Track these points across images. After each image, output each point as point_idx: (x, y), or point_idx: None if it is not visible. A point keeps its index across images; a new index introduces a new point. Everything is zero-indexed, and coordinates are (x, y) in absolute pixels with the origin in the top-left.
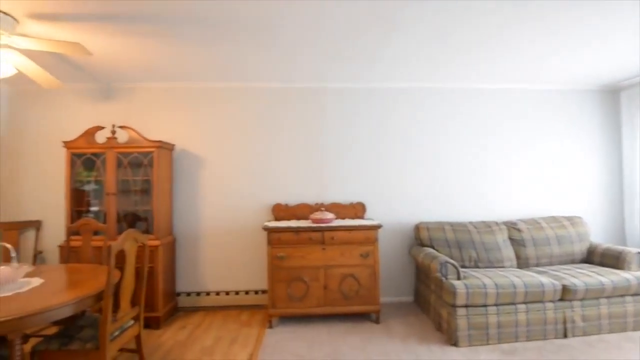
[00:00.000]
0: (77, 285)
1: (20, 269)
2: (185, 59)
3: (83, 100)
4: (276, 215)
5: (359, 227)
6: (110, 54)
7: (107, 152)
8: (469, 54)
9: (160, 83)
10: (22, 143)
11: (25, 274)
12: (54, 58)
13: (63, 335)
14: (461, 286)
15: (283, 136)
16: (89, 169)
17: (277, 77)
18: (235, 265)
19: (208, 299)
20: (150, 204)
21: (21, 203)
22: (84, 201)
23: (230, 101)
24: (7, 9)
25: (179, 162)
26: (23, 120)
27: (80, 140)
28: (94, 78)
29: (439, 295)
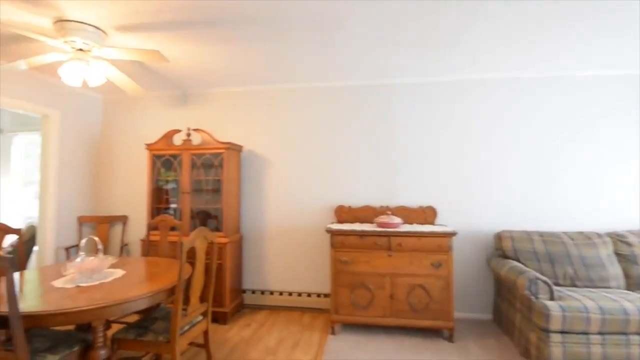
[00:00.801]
0: (153, 278)
1: (106, 261)
2: (251, 62)
3: (163, 106)
4: (339, 218)
5: (431, 234)
6: (184, 61)
7: (183, 153)
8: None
9: (230, 88)
10: (114, 145)
11: (110, 265)
12: (138, 68)
13: (139, 326)
14: (556, 308)
15: (347, 136)
16: (168, 169)
17: (341, 75)
18: (298, 266)
19: (272, 298)
20: (220, 203)
21: (112, 199)
22: (163, 199)
23: (295, 102)
24: (97, 24)
25: (246, 162)
26: (114, 125)
27: (160, 142)
28: (172, 86)
29: (526, 316)
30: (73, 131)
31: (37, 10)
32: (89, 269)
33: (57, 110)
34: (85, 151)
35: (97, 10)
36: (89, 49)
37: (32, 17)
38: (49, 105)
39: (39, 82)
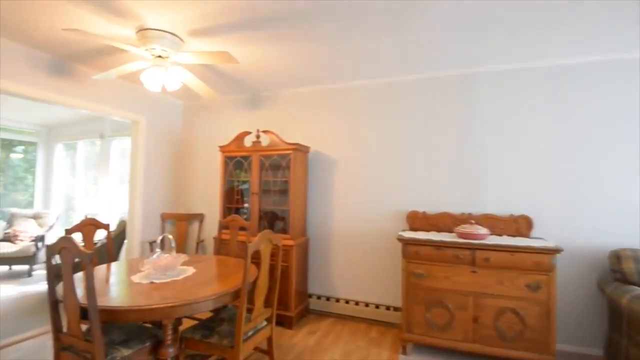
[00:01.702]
0: (221, 279)
1: (178, 258)
2: (320, 60)
3: (236, 110)
4: (412, 225)
5: (527, 249)
6: (254, 64)
7: (253, 154)
8: None
9: (298, 88)
10: (192, 148)
11: (182, 262)
12: (212, 73)
13: (206, 326)
14: None
15: (422, 134)
16: (239, 170)
17: (415, 67)
18: (365, 274)
19: (338, 306)
20: (287, 204)
21: (190, 198)
22: (234, 199)
23: (363, 99)
24: (173, 30)
25: (313, 163)
26: (192, 129)
27: (231, 144)
28: (243, 89)
29: None
30: (157, 135)
31: (123, 22)
32: (162, 265)
33: (144, 116)
34: (168, 153)
35: (172, 16)
36: (167, 55)
37: (119, 29)
38: (137, 112)
39: (128, 90)
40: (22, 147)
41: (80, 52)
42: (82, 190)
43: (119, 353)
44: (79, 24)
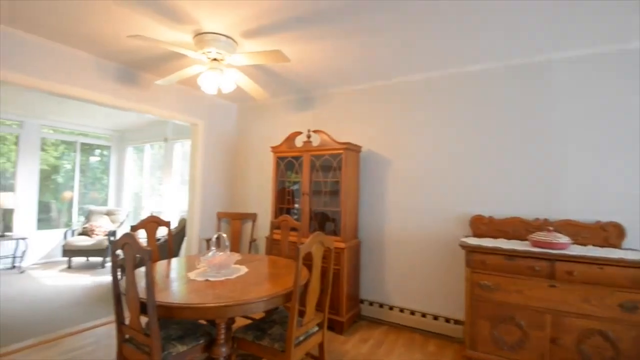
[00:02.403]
0: (272, 279)
1: (232, 257)
2: (374, 55)
3: (287, 110)
4: (476, 230)
5: (621, 262)
6: (305, 62)
7: (303, 154)
8: None
9: (350, 86)
10: (246, 149)
11: (236, 261)
12: (264, 75)
13: (258, 328)
14: None
15: (488, 130)
16: (290, 171)
17: (479, 56)
18: (422, 281)
19: (392, 314)
20: (338, 205)
21: (244, 198)
22: (286, 199)
23: (419, 95)
24: (227, 32)
25: (365, 163)
26: (246, 131)
27: (283, 145)
28: (295, 90)
29: None
30: (214, 137)
31: (181, 27)
32: (217, 263)
33: (202, 119)
34: (223, 154)
35: (226, 18)
36: (222, 58)
37: (178, 35)
38: (196, 115)
39: (187, 95)
40: (99, 151)
41: (144, 60)
42: (148, 190)
43: (175, 349)
44: (141, 32)
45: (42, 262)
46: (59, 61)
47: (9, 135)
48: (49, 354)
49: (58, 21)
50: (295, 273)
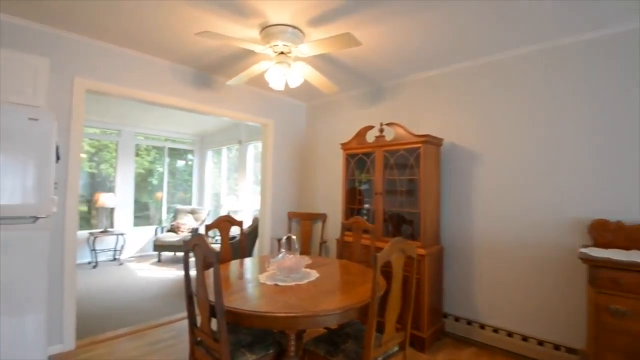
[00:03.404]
0: (346, 288)
1: (302, 261)
2: (455, 32)
3: (356, 105)
4: (597, 238)
5: None
6: (375, 49)
7: (376, 150)
8: None
9: (426, 72)
10: (315, 148)
11: (306, 265)
12: (332, 67)
13: (330, 341)
14: None
15: (613, 113)
16: (361, 168)
17: (599, 19)
18: (523, 298)
19: (482, 334)
20: (417, 206)
21: (314, 198)
22: (357, 199)
23: (518, 75)
24: (293, 22)
25: (447, 158)
26: (315, 129)
27: (353, 141)
28: (365, 82)
29: None
30: (283, 137)
31: (247, 22)
32: (286, 267)
33: (272, 120)
34: (293, 153)
35: (291, 7)
36: (289, 51)
37: (244, 31)
38: (266, 116)
39: (258, 96)
40: (184, 155)
41: (215, 63)
42: (226, 190)
43: (244, 357)
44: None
45: (137, 255)
46: (142, 69)
47: (111, 143)
48: (137, 344)
49: (137, 31)
50: (373, 285)
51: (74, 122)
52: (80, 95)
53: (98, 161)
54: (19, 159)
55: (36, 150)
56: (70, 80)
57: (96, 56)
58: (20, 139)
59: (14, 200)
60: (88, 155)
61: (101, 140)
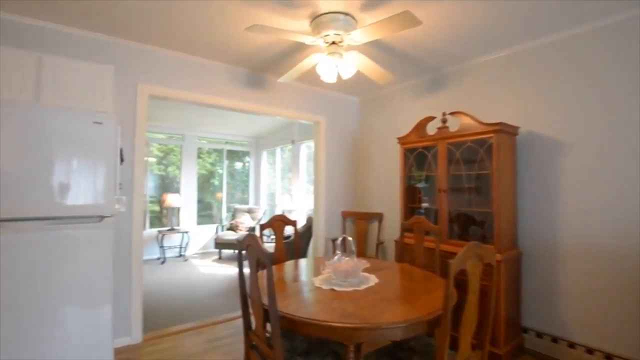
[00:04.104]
0: (410, 297)
1: (360, 264)
2: (528, 1)
3: (414, 96)
4: None
5: None
6: (435, 31)
7: (438, 143)
8: None
9: (494, 53)
10: (369, 144)
11: (364, 268)
12: (387, 56)
13: (393, 355)
14: None
15: None
16: (421, 164)
17: None
18: (627, 316)
19: (572, 354)
20: (489, 205)
21: (369, 196)
22: (417, 197)
23: (616, 46)
24: (345, 9)
25: (524, 149)
26: (369, 125)
27: (411, 134)
28: (423, 70)
29: None
30: (336, 134)
31: (297, 13)
32: (343, 271)
33: (324, 117)
34: (346, 151)
35: None
36: (341, 40)
37: (294, 24)
38: (318, 113)
39: (309, 93)
40: (242, 157)
41: (266, 62)
42: (280, 190)
43: None
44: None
45: (200, 252)
46: (198, 73)
47: (176, 147)
48: (197, 340)
49: (191, 35)
50: (445, 298)
51: (138, 126)
52: (143, 101)
53: (166, 164)
54: (85, 161)
55: (101, 153)
56: (133, 86)
57: (156, 62)
58: (87, 142)
59: (81, 200)
60: (157, 158)
61: (168, 144)
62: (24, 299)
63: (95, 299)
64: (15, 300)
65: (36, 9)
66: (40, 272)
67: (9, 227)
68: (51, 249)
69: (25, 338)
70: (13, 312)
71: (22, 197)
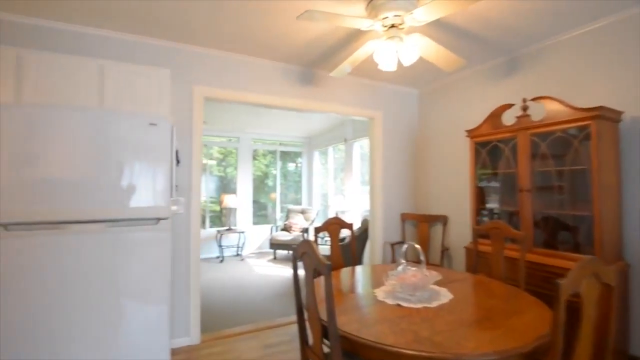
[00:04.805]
0: (494, 318)
1: (430, 277)
2: None
3: (483, 83)
4: None
5: None
6: (510, 3)
7: (518, 135)
8: None
9: (583, 27)
10: (430, 139)
11: (434, 281)
12: (452, 38)
13: None
14: None
15: None
16: (496, 159)
17: None
18: None
19: None
20: (586, 207)
21: (431, 197)
22: (491, 198)
23: None
24: None
25: (629, 139)
26: (430, 119)
27: (484, 126)
28: (493, 52)
29: None
30: (393, 129)
31: None
32: (411, 283)
33: (379, 112)
34: (405, 148)
35: None
36: (401, 22)
37: (349, 9)
38: (373, 108)
39: (363, 87)
40: (295, 158)
41: (318, 56)
42: (333, 190)
43: None
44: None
45: (256, 252)
46: (251, 73)
47: (233, 149)
48: (252, 345)
49: (243, 34)
50: (554, 327)
51: (195, 128)
52: (199, 103)
53: (225, 165)
54: (143, 163)
55: (157, 154)
56: (189, 89)
57: (210, 64)
58: (143, 144)
59: (140, 202)
60: (217, 160)
61: (226, 147)
62: (85, 298)
63: (153, 299)
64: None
65: (99, 20)
66: (101, 272)
67: (73, 229)
68: (112, 250)
69: (84, 337)
70: (73, 311)
71: (87, 200)
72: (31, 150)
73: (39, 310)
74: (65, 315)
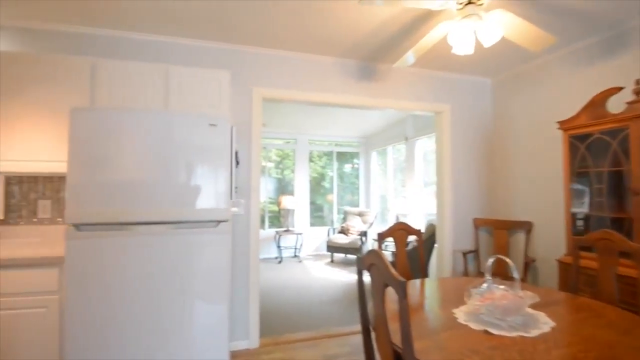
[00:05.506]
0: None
1: (526, 299)
2: None
3: (579, 64)
4: None
5: None
6: None
7: (631, 125)
8: None
9: None
10: (508, 134)
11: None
12: (538, 13)
13: None
14: None
15: None
16: (598, 155)
17: None
18: None
19: None
20: None
21: (510, 200)
22: (591, 201)
23: None
24: None
25: None
26: (507, 111)
27: (581, 116)
28: (590, 29)
29: None
30: (463, 125)
31: None
32: (501, 305)
33: (447, 105)
34: (477, 145)
35: None
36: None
37: None
38: (439, 101)
39: (427, 79)
40: (351, 159)
41: (377, 48)
42: (392, 192)
43: None
44: (378, 8)
45: (313, 254)
46: (308, 70)
47: (290, 151)
48: (312, 354)
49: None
50: None
51: (254, 129)
52: (258, 103)
53: (282, 167)
54: (204, 164)
55: (217, 155)
56: (248, 90)
57: (268, 65)
58: (204, 145)
59: (201, 204)
60: (275, 163)
61: (284, 149)
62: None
63: (214, 300)
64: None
65: (164, 26)
66: (165, 273)
67: (139, 230)
68: (175, 251)
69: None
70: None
71: (153, 201)
72: (103, 152)
73: (107, 309)
74: (133, 315)
